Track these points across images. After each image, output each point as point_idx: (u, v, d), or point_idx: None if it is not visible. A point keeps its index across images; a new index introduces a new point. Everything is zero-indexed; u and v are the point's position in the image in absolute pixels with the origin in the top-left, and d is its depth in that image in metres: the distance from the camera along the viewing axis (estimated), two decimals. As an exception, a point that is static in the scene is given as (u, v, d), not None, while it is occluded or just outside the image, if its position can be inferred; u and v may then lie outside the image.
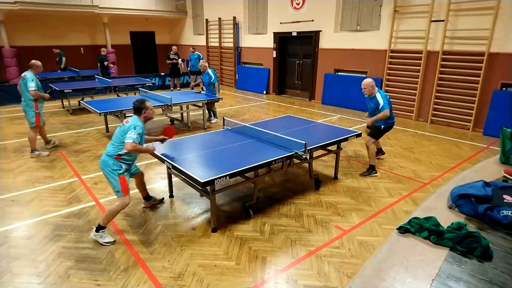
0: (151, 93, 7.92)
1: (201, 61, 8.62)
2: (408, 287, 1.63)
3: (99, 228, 3.40)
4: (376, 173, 5.15)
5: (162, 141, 4.06)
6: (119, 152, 3.38)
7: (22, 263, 3.11)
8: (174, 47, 12.66)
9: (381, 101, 4.82)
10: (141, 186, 4.05)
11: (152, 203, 4.18)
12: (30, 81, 5.46)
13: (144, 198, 4.15)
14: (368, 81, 4.91)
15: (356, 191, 4.60)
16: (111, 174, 3.38)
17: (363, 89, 4.96)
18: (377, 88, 5.00)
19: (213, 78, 7.99)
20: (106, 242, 3.39)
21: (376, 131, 5.11)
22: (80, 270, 3.03)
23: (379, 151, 5.75)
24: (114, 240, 3.43)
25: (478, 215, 2.22)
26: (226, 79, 14.58)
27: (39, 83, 5.71)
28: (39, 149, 5.86)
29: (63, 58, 12.87)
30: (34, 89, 5.48)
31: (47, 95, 5.75)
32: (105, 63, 12.25)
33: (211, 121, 8.29)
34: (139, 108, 3.60)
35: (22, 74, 5.59)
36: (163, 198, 4.32)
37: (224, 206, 4.20)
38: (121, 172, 3.39)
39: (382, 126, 5.04)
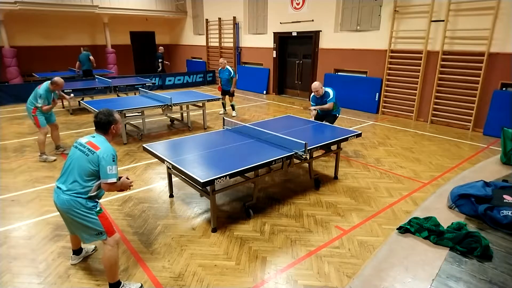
0: (151, 93, 7.92)
1: (221, 58, 9.02)
2: (408, 287, 1.63)
3: (116, 286, 2.68)
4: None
5: None
6: (91, 194, 2.59)
7: (22, 263, 3.11)
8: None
9: (331, 94, 5.73)
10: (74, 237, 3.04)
11: (84, 256, 3.18)
12: (39, 96, 5.50)
13: (74, 251, 3.12)
14: (316, 84, 5.75)
15: (356, 191, 4.60)
16: (85, 216, 2.55)
17: (314, 91, 5.75)
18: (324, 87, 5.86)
19: (232, 73, 8.67)
20: None
21: (334, 118, 5.97)
22: (80, 270, 3.03)
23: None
24: (141, 285, 2.80)
25: (478, 215, 2.22)
26: (226, 79, 14.58)
27: (47, 99, 5.64)
28: (47, 154, 5.81)
29: (90, 58, 12.82)
30: (41, 105, 5.52)
31: (49, 107, 5.69)
32: (159, 60, 12.97)
33: (233, 115, 8.85)
34: (106, 123, 2.70)
35: (41, 84, 5.62)
36: (95, 247, 3.32)
37: (224, 206, 4.20)
38: (98, 209, 2.62)
39: (338, 114, 6.02)
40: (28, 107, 5.61)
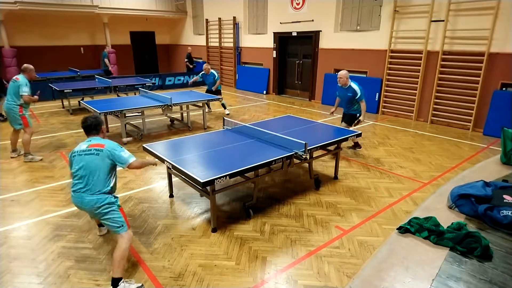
0: (151, 93, 7.93)
1: (204, 64, 9.02)
2: (408, 287, 1.63)
3: (116, 282, 2.70)
4: (360, 147, 6.13)
5: None
6: (111, 186, 2.89)
7: (22, 263, 3.11)
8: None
9: (358, 90, 5.50)
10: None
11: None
12: (24, 85, 5.39)
13: (99, 224, 3.52)
14: (343, 72, 5.58)
15: (356, 191, 4.60)
16: (110, 211, 2.83)
17: (338, 78, 5.60)
18: (350, 80, 5.64)
19: (216, 76, 8.85)
20: None
21: (354, 118, 5.80)
22: (80, 270, 3.03)
23: (356, 145, 6.28)
24: (142, 285, 2.81)
25: (478, 215, 2.22)
26: (226, 79, 14.58)
27: (31, 89, 5.59)
28: (32, 153, 5.75)
29: (105, 60, 12.88)
30: (27, 94, 5.42)
31: (36, 98, 5.64)
32: (193, 63, 13.26)
33: (226, 113, 9.00)
34: (97, 125, 3.01)
35: (15, 77, 5.53)
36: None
37: (224, 206, 4.20)
38: (118, 204, 2.93)
39: (358, 114, 5.74)
40: (11, 108, 5.43)
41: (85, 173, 2.80)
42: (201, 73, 9.01)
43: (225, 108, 9.09)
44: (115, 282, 2.70)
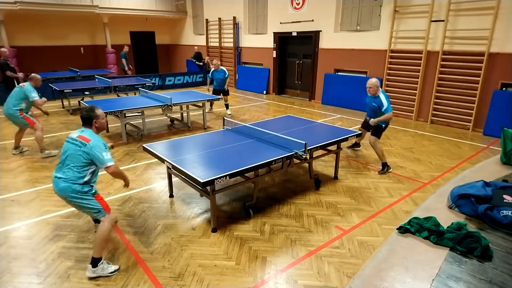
0: (151, 93, 7.93)
1: (214, 60, 9.07)
2: (408, 287, 1.63)
3: (96, 262, 2.89)
4: (390, 169, 5.31)
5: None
6: (85, 179, 2.89)
7: (22, 263, 3.11)
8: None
9: (384, 103, 5.00)
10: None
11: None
12: (32, 91, 5.55)
13: (95, 220, 3.51)
14: (373, 81, 5.10)
15: (356, 191, 4.60)
16: (83, 199, 2.88)
17: (368, 88, 5.13)
18: (380, 89, 5.19)
19: (226, 73, 8.86)
20: (111, 272, 2.93)
21: (378, 131, 5.24)
22: (80, 270, 3.02)
23: (355, 145, 6.19)
24: (118, 267, 3.00)
25: (478, 215, 2.22)
26: (226, 79, 14.59)
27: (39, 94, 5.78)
28: (48, 148, 5.91)
29: (123, 60, 12.94)
30: (37, 98, 5.60)
31: (45, 99, 5.86)
32: (201, 61, 13.25)
33: (228, 113, 8.92)
34: (88, 118, 3.01)
35: (21, 84, 5.66)
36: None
37: (224, 206, 4.20)
38: (94, 191, 2.96)
39: (383, 125, 5.23)
40: (12, 113, 5.55)
41: (65, 160, 2.90)
42: (211, 72, 9.00)
43: (227, 108, 9.08)
44: (95, 262, 2.89)
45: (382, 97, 5.04)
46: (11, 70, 9.03)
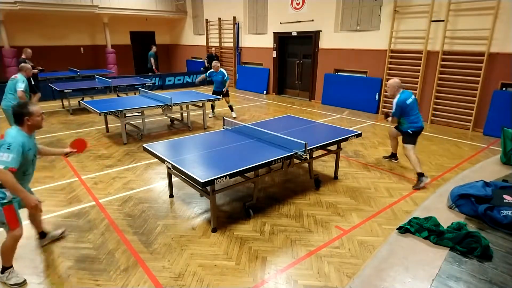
0: (151, 93, 7.93)
1: (213, 61, 8.88)
2: (408, 287, 1.63)
3: (3, 269, 2.80)
4: (428, 179, 4.66)
5: (66, 154, 3.33)
6: None
7: (22, 263, 3.11)
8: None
9: (393, 108, 4.81)
10: (35, 220, 3.24)
11: (50, 239, 3.38)
12: (21, 82, 5.53)
13: (39, 234, 3.35)
14: (390, 81, 4.95)
15: (356, 191, 4.60)
16: None
17: (387, 88, 5.04)
18: (401, 91, 4.85)
19: (226, 76, 8.61)
20: (13, 285, 2.76)
21: (407, 136, 4.86)
22: (80, 270, 3.03)
23: (393, 155, 5.67)
24: (24, 280, 2.83)
25: (478, 215, 2.22)
26: (226, 79, 14.59)
27: (28, 87, 5.74)
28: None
29: (151, 59, 13.02)
30: (22, 90, 5.51)
31: (24, 96, 5.68)
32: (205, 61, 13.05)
33: (233, 116, 8.67)
34: (19, 115, 2.72)
35: (13, 76, 5.68)
36: (64, 231, 3.50)
37: (224, 206, 4.20)
38: (5, 201, 2.62)
39: (410, 131, 4.81)
40: (10, 106, 5.44)
41: None
42: (209, 72, 8.85)
43: (232, 110, 8.83)
44: (2, 269, 2.82)
45: (395, 101, 4.75)
46: None
